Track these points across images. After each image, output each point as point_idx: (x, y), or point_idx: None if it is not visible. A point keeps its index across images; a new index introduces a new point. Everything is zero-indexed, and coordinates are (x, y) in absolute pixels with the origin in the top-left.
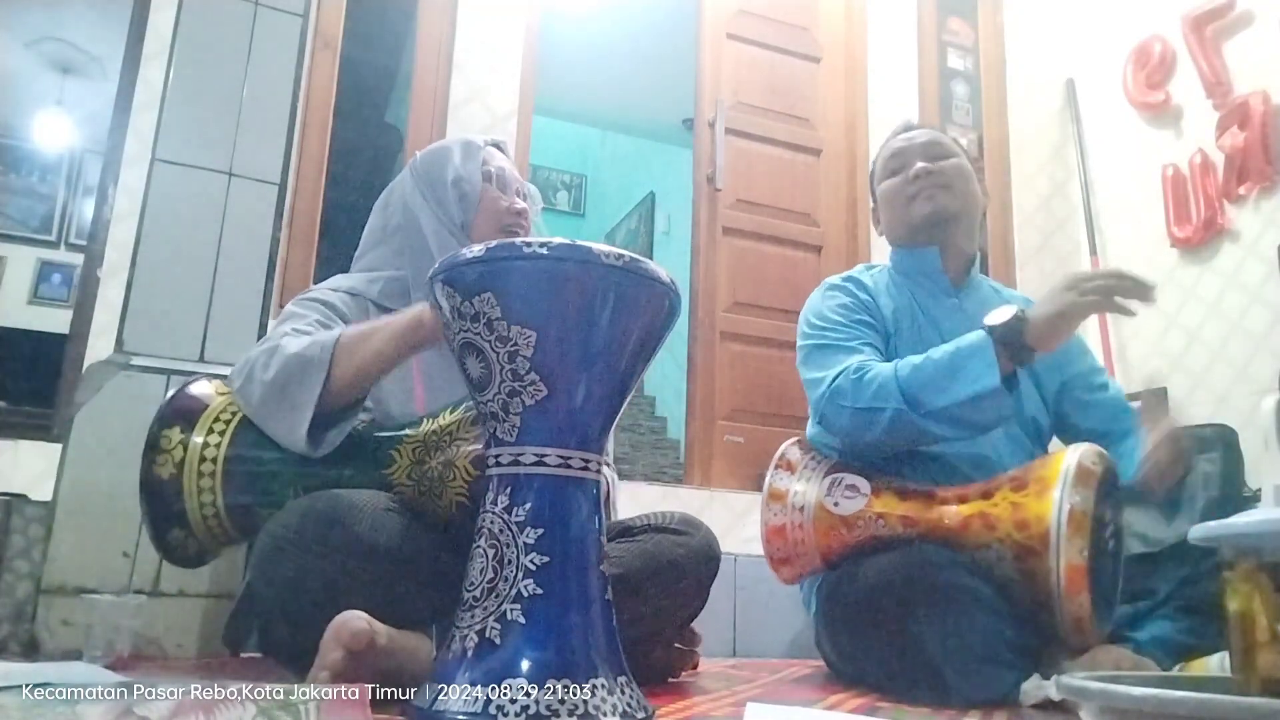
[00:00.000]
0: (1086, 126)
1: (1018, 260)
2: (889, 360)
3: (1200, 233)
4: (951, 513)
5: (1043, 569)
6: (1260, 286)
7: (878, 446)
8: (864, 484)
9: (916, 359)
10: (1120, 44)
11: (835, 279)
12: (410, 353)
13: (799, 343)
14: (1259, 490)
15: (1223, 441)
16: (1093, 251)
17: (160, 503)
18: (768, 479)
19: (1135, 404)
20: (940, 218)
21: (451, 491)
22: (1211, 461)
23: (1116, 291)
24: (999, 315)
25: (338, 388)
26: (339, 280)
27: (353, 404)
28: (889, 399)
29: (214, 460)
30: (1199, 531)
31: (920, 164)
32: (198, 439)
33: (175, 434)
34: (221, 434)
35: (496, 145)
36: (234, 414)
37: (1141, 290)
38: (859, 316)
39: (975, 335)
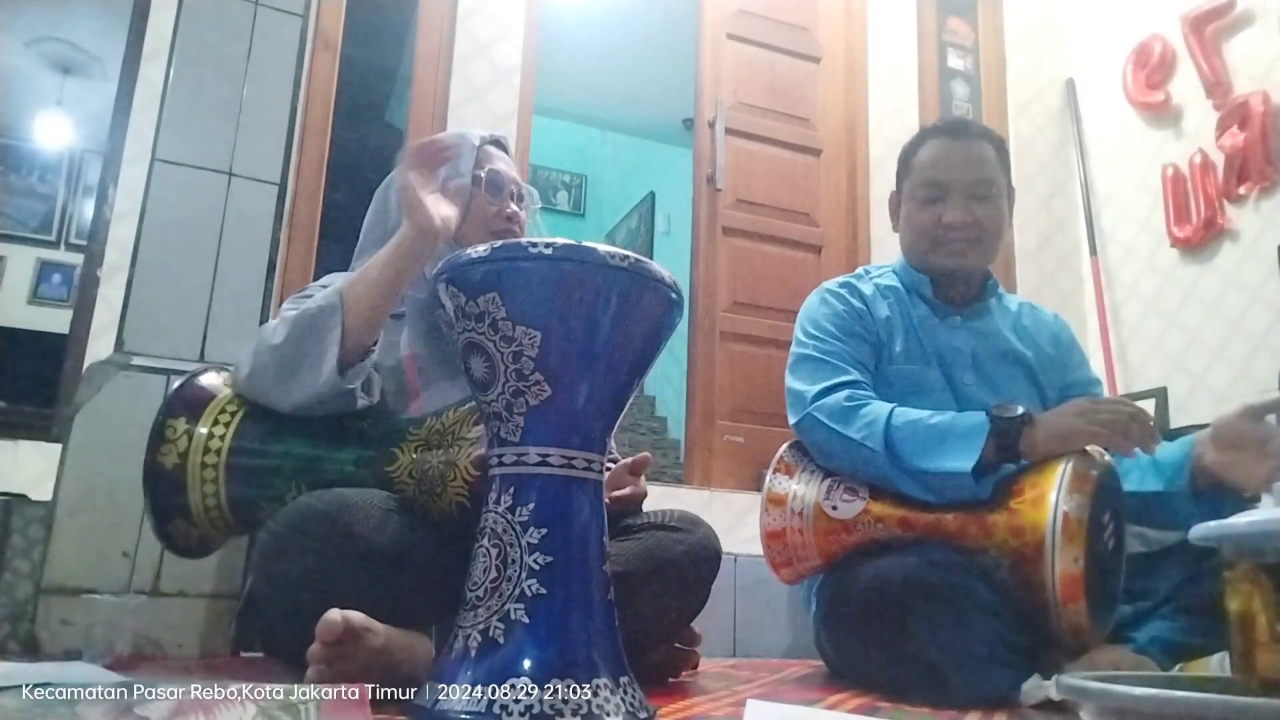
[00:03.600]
0: (1086, 126)
1: (1018, 260)
2: (879, 371)
3: (1200, 233)
4: (949, 517)
5: (1038, 577)
6: (1260, 286)
7: (841, 471)
8: (862, 487)
9: (915, 414)
10: (1120, 44)
11: (832, 284)
12: (410, 270)
13: (792, 348)
14: None
15: None
16: (1093, 251)
17: (163, 493)
18: (766, 482)
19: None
20: (963, 273)
21: (452, 491)
22: None
23: (1123, 430)
24: (1007, 409)
25: (355, 327)
26: (332, 279)
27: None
28: (873, 439)
29: (218, 452)
30: (1199, 531)
31: (956, 214)
32: (202, 430)
33: (180, 424)
34: (226, 425)
35: (497, 142)
36: (239, 406)
37: (1147, 436)
38: (852, 328)
39: (976, 416)
